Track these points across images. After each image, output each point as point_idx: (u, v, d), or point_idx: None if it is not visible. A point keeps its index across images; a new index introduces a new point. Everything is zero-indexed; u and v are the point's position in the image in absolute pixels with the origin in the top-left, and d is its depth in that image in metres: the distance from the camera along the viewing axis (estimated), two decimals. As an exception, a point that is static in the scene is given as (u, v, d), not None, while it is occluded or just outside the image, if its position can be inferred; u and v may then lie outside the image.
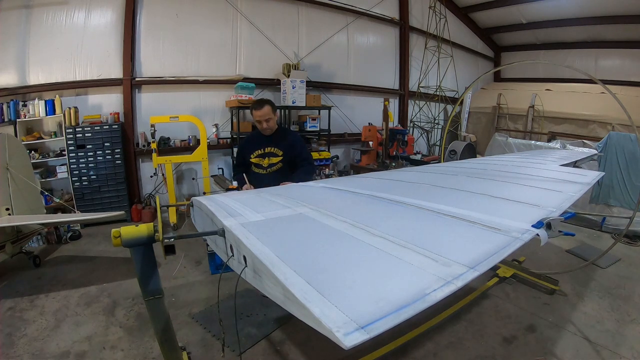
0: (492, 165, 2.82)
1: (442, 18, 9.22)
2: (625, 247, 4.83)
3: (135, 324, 2.97)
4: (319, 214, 1.30)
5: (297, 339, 2.82)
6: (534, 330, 2.99)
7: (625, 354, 2.68)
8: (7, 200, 3.79)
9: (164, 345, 1.76)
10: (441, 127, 9.82)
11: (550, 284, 3.62)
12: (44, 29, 5.16)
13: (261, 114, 2.92)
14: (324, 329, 0.60)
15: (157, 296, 1.59)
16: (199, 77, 6.23)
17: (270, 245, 0.97)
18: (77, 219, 4.65)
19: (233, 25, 6.53)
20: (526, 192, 1.82)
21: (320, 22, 7.53)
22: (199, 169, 6.12)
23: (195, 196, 2.21)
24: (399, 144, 7.81)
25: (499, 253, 0.92)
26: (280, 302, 0.80)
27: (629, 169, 5.24)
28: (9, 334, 2.81)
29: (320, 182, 2.18)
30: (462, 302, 3.37)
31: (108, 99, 5.68)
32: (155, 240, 1.38)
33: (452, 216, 1.23)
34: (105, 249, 4.55)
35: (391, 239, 1.00)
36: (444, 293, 0.71)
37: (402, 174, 2.44)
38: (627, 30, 8.15)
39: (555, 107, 8.39)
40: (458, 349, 2.74)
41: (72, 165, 5.24)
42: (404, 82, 9.15)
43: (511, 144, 6.80)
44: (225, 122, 6.59)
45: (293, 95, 6.45)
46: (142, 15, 5.73)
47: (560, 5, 8.39)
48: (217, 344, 2.70)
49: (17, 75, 5.11)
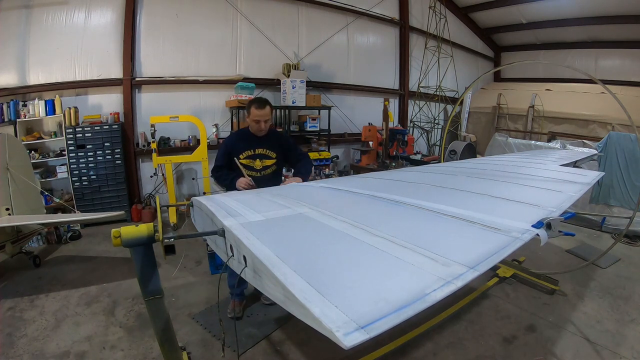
0: (492, 165, 2.82)
1: (442, 18, 9.23)
2: (625, 247, 4.83)
3: (135, 324, 2.97)
4: (319, 214, 1.30)
5: (297, 339, 2.82)
6: (534, 330, 2.99)
7: (625, 354, 2.68)
8: (7, 200, 3.79)
9: (164, 345, 1.76)
10: (441, 127, 9.83)
11: (550, 284, 3.62)
12: (44, 29, 5.16)
13: (262, 113, 2.81)
14: (324, 329, 0.60)
15: (157, 296, 1.59)
16: (199, 77, 6.23)
17: (270, 245, 0.97)
18: (77, 219, 4.65)
19: (233, 25, 6.53)
20: (526, 192, 1.82)
21: (320, 22, 7.53)
22: (199, 169, 6.12)
23: (195, 196, 2.21)
24: (399, 144, 7.81)
25: (499, 253, 0.92)
26: (280, 302, 0.80)
27: (629, 169, 5.24)
28: (9, 334, 2.81)
29: (320, 182, 2.18)
30: (462, 302, 3.37)
31: (108, 99, 5.68)
32: (155, 240, 1.37)
33: (452, 216, 1.23)
34: (105, 249, 4.55)
35: (391, 239, 1.00)
36: (444, 293, 0.71)
37: (402, 174, 2.44)
38: (627, 30, 8.15)
39: (555, 107, 8.39)
40: (458, 349, 2.74)
41: (72, 165, 5.23)
42: (404, 82, 9.15)
43: (511, 144, 6.80)
44: (225, 122, 6.59)
45: (293, 95, 6.45)
46: (142, 15, 5.74)
47: (560, 5, 8.39)
48: (217, 344, 2.70)
49: (17, 75, 5.11)
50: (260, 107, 2.82)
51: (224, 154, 2.94)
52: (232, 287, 3.10)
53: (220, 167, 2.93)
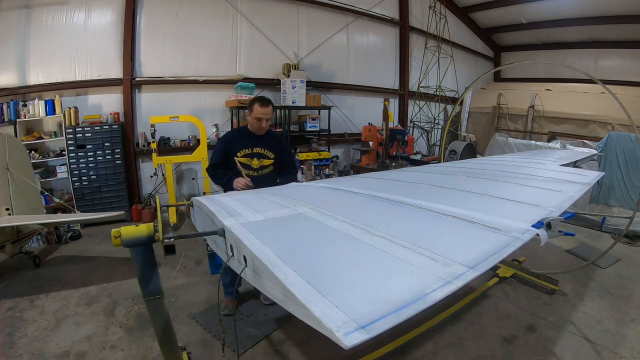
0: (492, 165, 2.82)
1: (442, 18, 9.23)
2: (625, 247, 4.83)
3: (135, 324, 2.97)
4: (319, 214, 1.30)
5: (297, 339, 2.82)
6: (534, 330, 2.99)
7: (625, 354, 2.68)
8: (7, 200, 3.79)
9: (164, 345, 1.76)
10: (441, 127, 9.82)
11: (550, 284, 3.62)
12: (44, 29, 5.16)
13: (265, 111, 2.79)
14: (324, 329, 0.61)
15: (157, 296, 1.59)
16: (199, 77, 6.23)
17: (270, 245, 0.97)
18: (77, 219, 4.65)
19: (233, 25, 6.53)
20: (526, 192, 1.83)
21: (320, 22, 7.53)
22: (199, 169, 6.12)
23: (195, 196, 2.22)
24: (399, 144, 7.81)
25: (499, 253, 0.92)
26: (280, 302, 0.80)
27: (629, 169, 5.24)
28: (9, 334, 2.81)
29: (320, 182, 2.17)
30: (462, 302, 3.37)
31: (108, 99, 5.68)
32: (155, 240, 1.37)
33: (452, 216, 1.23)
34: (105, 249, 4.55)
35: (391, 238, 1.00)
36: (444, 293, 0.71)
37: (402, 174, 2.44)
38: (627, 30, 8.15)
39: (555, 107, 8.39)
40: (458, 349, 2.74)
41: (72, 165, 5.23)
42: (404, 82, 9.15)
43: (511, 144, 6.80)
44: (225, 122, 6.58)
45: (293, 95, 6.45)
46: (142, 15, 5.73)
47: (560, 5, 8.39)
48: (217, 344, 2.70)
49: (17, 75, 5.11)
50: (264, 105, 2.81)
51: (221, 152, 2.88)
52: (226, 286, 3.10)
53: (216, 165, 2.88)
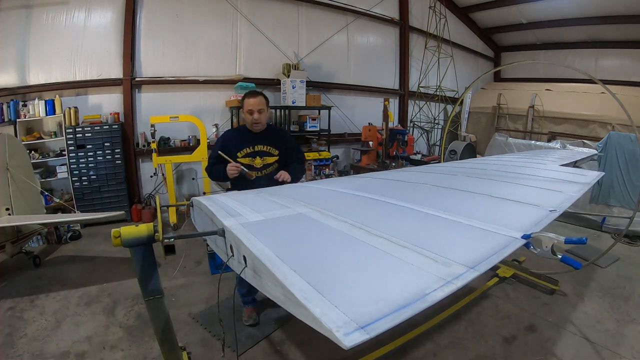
0: (492, 165, 2.82)
1: (442, 18, 9.23)
2: (625, 247, 4.83)
3: (135, 324, 2.97)
4: (319, 214, 1.30)
5: (297, 339, 2.82)
6: (534, 330, 2.98)
7: (625, 354, 2.68)
8: (7, 200, 3.79)
9: (164, 345, 1.76)
10: (441, 127, 9.83)
11: (550, 284, 3.62)
12: (44, 29, 5.16)
13: (254, 102, 2.66)
14: (324, 329, 0.60)
15: (157, 296, 1.59)
16: (199, 77, 6.23)
17: (270, 245, 0.96)
18: (77, 219, 4.65)
19: (233, 25, 6.53)
20: (526, 192, 1.82)
21: (320, 22, 7.53)
22: (199, 169, 6.12)
23: (195, 196, 2.21)
24: (399, 144, 7.81)
25: (499, 253, 0.92)
26: (280, 302, 0.80)
27: (629, 169, 5.24)
28: (9, 334, 2.81)
29: (320, 182, 2.17)
30: (462, 302, 3.36)
31: (108, 99, 5.68)
32: (155, 240, 1.37)
33: (452, 216, 1.23)
34: (105, 249, 4.55)
35: (391, 239, 1.00)
36: (444, 293, 0.71)
37: (402, 174, 2.44)
38: (627, 30, 8.15)
39: (555, 107, 8.40)
40: (458, 349, 2.74)
41: (72, 165, 5.23)
42: (404, 82, 9.15)
43: (511, 144, 6.80)
44: (225, 122, 6.58)
45: (293, 95, 6.45)
46: (142, 15, 5.73)
47: (560, 5, 8.39)
48: (217, 344, 2.70)
49: (17, 75, 5.11)
50: (252, 96, 2.71)
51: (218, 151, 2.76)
52: (243, 295, 3.02)
53: (214, 165, 2.80)
